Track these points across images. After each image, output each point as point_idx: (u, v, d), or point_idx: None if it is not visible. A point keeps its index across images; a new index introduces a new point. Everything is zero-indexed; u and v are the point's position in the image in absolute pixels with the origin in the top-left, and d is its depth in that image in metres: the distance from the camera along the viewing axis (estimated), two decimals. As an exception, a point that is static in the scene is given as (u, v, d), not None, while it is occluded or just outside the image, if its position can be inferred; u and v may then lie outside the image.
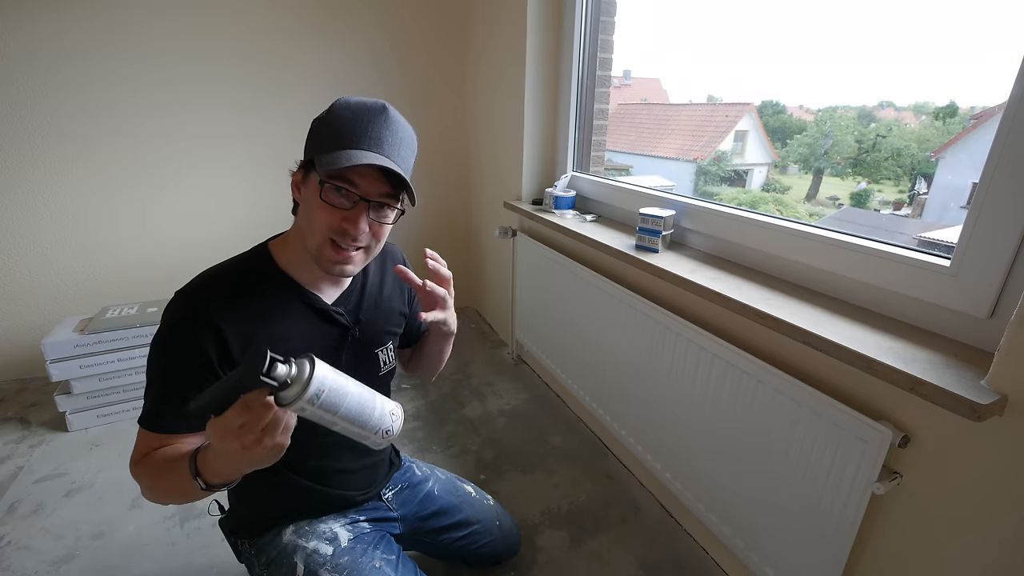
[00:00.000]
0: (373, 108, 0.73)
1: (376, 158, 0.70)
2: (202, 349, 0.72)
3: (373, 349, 0.92)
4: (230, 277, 0.77)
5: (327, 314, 0.83)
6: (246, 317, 0.75)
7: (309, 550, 0.88)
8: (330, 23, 2.09)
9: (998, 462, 0.72)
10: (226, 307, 0.74)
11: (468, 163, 2.58)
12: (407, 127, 0.77)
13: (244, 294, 0.76)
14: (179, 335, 0.72)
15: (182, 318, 0.72)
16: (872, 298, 0.94)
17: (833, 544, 0.91)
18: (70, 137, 1.86)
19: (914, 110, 1.71)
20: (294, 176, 0.77)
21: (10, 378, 2.05)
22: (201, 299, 0.73)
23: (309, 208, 0.74)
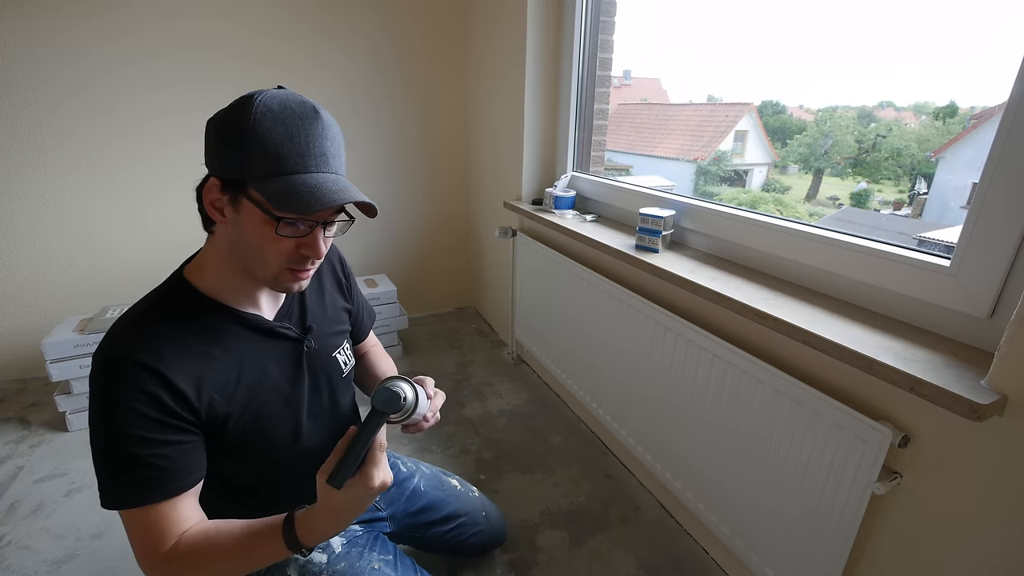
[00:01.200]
0: (303, 115, 0.63)
1: (338, 190, 0.63)
2: (156, 398, 0.63)
3: (331, 353, 0.88)
4: (154, 319, 0.67)
5: (272, 331, 0.77)
6: (189, 359, 0.66)
7: (302, 561, 0.84)
8: (330, 23, 2.09)
9: (998, 462, 0.72)
10: (163, 354, 0.64)
11: (468, 163, 2.58)
12: (335, 124, 0.68)
13: (176, 334, 0.67)
14: (122, 394, 0.62)
15: (118, 377, 0.62)
16: (872, 298, 0.94)
17: (833, 544, 0.91)
18: (70, 137, 1.86)
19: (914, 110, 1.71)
20: (207, 194, 0.65)
21: (10, 378, 2.05)
22: (129, 351, 0.63)
23: (255, 239, 0.65)
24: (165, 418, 0.64)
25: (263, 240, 0.65)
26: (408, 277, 2.60)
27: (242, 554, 0.66)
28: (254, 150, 0.61)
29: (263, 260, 0.67)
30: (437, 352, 2.34)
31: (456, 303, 2.84)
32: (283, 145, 0.62)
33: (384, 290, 2.18)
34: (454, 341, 2.45)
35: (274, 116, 0.61)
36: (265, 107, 0.62)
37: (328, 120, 0.66)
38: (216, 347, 0.70)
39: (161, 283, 0.73)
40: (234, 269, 0.71)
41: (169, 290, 0.72)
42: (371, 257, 2.51)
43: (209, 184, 0.65)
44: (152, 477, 0.64)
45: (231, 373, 0.71)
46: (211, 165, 0.65)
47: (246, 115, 0.61)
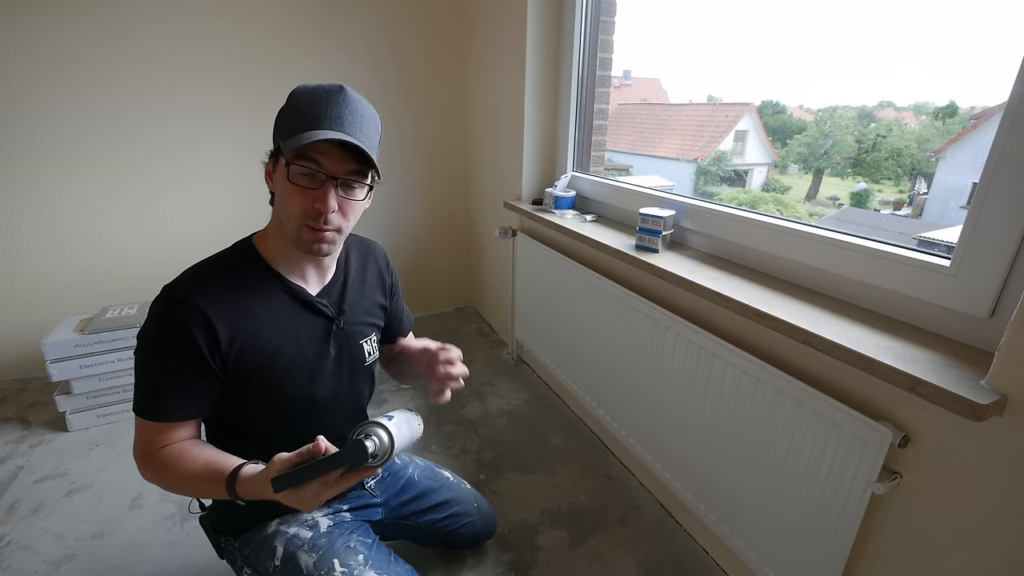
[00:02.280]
0: (331, 89, 0.75)
1: (334, 134, 0.71)
2: (194, 339, 0.75)
3: (358, 340, 0.95)
4: (216, 271, 0.80)
5: (311, 305, 0.86)
6: (233, 310, 0.78)
7: (290, 534, 0.92)
8: (329, 24, 2.09)
9: (998, 462, 0.72)
10: (214, 300, 0.76)
11: (468, 163, 2.58)
12: (367, 105, 0.79)
13: (230, 288, 0.79)
14: (171, 326, 0.75)
15: (172, 310, 0.75)
16: (872, 298, 0.94)
17: (833, 544, 0.91)
18: (71, 138, 1.86)
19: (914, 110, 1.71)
20: (266, 167, 0.80)
21: (10, 378, 2.05)
22: (189, 292, 0.76)
23: (282, 194, 0.76)
24: (194, 358, 0.75)
25: (286, 192, 0.75)
26: (408, 277, 2.60)
27: (195, 481, 0.76)
28: (287, 116, 0.74)
29: (288, 214, 0.76)
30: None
31: (456, 303, 2.84)
32: (305, 110, 0.73)
33: (384, 290, 2.18)
34: (454, 341, 2.44)
35: (307, 92, 0.75)
36: (303, 88, 0.75)
37: (353, 95, 0.76)
38: (260, 306, 0.80)
39: (234, 244, 0.85)
40: (284, 238, 0.80)
41: (236, 250, 0.83)
42: (371, 257, 2.51)
43: (268, 161, 0.79)
44: (161, 402, 0.76)
45: (266, 332, 0.81)
46: (273, 142, 0.78)
47: (288, 98, 0.76)
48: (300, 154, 0.72)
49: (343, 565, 0.89)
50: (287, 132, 0.73)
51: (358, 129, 0.75)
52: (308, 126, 0.72)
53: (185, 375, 0.76)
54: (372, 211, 2.41)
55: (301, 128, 0.72)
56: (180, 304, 0.75)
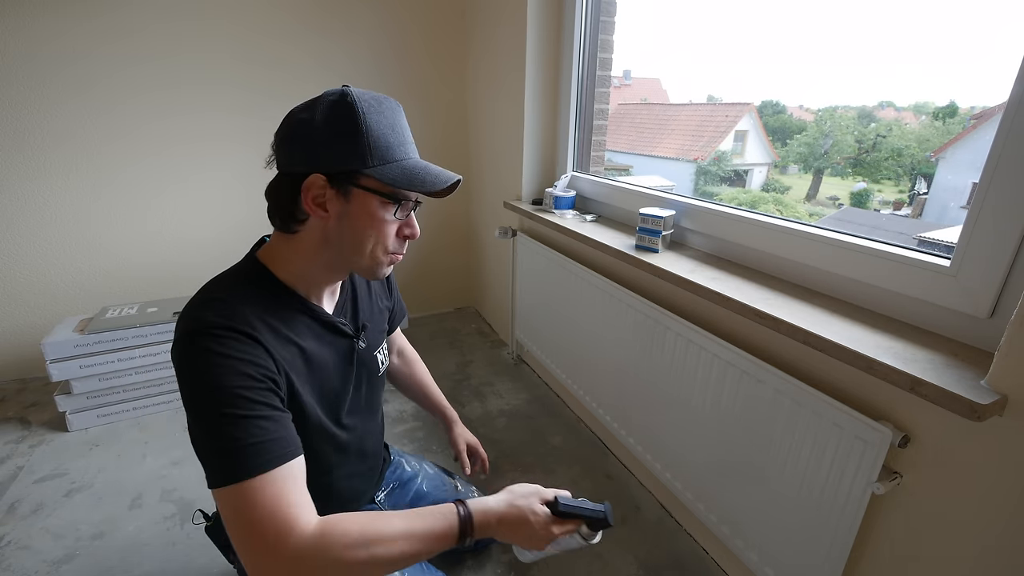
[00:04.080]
0: (394, 107, 0.71)
1: (441, 170, 0.72)
2: (259, 364, 0.64)
3: (373, 352, 0.91)
4: (236, 296, 0.69)
5: (334, 326, 0.81)
6: (273, 336, 0.69)
7: None
8: (329, 23, 2.09)
9: (998, 462, 0.72)
10: (258, 327, 0.67)
11: (468, 163, 2.58)
12: None
13: (260, 312, 0.69)
14: (228, 358, 0.62)
15: (220, 341, 0.62)
16: (872, 298, 0.94)
17: (833, 544, 0.91)
18: (71, 138, 1.86)
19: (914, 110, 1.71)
20: (308, 191, 0.67)
21: (10, 378, 2.05)
22: (229, 320, 0.64)
23: (364, 227, 0.70)
24: (268, 382, 0.64)
25: (375, 226, 0.70)
26: (408, 277, 2.60)
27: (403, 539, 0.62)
28: (370, 141, 0.66)
29: (368, 248, 0.72)
30: (437, 352, 2.34)
31: (456, 303, 2.84)
32: (390, 135, 0.68)
33: (384, 290, 2.18)
34: (454, 341, 2.45)
35: (376, 109, 0.68)
36: (365, 102, 0.67)
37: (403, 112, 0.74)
38: (291, 332, 0.73)
39: (238, 264, 0.76)
40: (319, 262, 0.74)
41: (251, 273, 0.73)
42: (371, 257, 2.51)
43: (310, 182, 0.66)
44: (269, 439, 0.61)
45: (301, 358, 0.74)
46: (313, 162, 0.67)
47: (354, 111, 0.66)
48: (403, 188, 0.69)
49: None
50: (376, 160, 0.67)
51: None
52: (401, 155, 0.69)
53: (271, 403, 0.64)
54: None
55: (395, 157, 0.69)
56: (223, 333, 0.63)
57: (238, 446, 0.59)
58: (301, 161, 0.68)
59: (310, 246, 0.72)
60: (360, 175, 0.67)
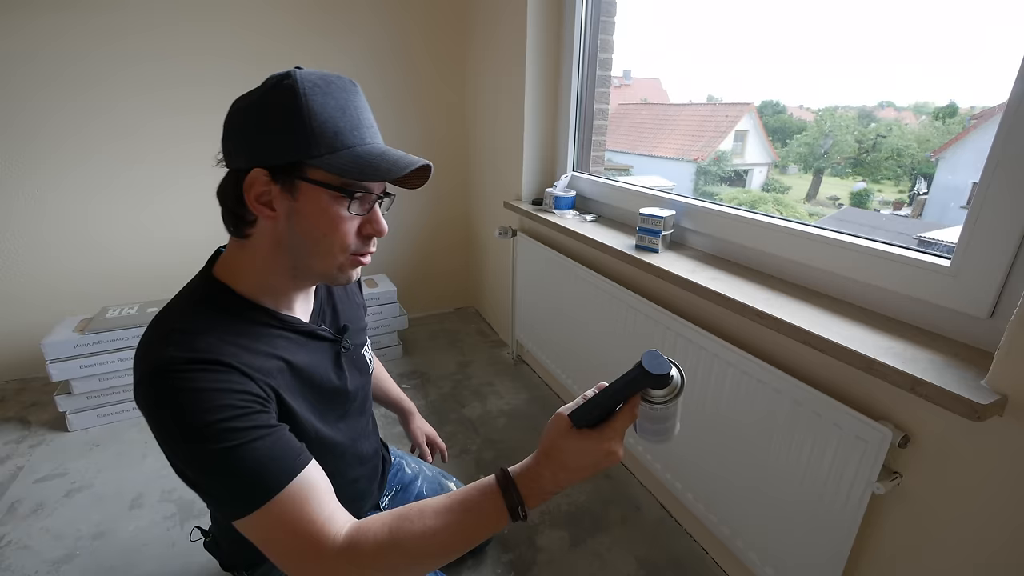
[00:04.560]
0: (346, 86, 0.62)
1: (402, 155, 0.63)
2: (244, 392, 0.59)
3: (361, 352, 0.88)
4: (203, 324, 0.61)
5: (315, 334, 0.75)
6: (245, 353, 0.62)
7: None
8: (329, 23, 2.09)
9: (998, 462, 0.72)
10: (229, 351, 0.60)
11: (468, 163, 2.58)
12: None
13: (230, 337, 0.62)
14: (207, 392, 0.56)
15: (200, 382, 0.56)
16: (872, 298, 0.94)
17: (833, 544, 0.91)
18: (71, 138, 1.86)
19: (914, 110, 1.71)
20: (251, 189, 0.60)
21: (10, 378, 2.05)
22: (199, 351, 0.57)
23: (319, 225, 0.62)
24: (254, 405, 0.59)
25: (329, 224, 0.62)
26: (408, 277, 2.60)
27: (448, 529, 0.56)
28: (313, 127, 0.58)
29: (326, 249, 0.63)
30: (437, 352, 2.34)
31: (456, 303, 2.84)
32: (339, 119, 0.60)
33: (384, 290, 2.18)
34: (454, 341, 2.45)
35: (321, 90, 0.59)
36: (310, 82, 0.59)
37: (362, 91, 0.66)
38: (269, 347, 0.66)
39: (190, 285, 0.69)
40: (276, 270, 0.66)
41: (207, 293, 0.66)
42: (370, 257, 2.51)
43: (251, 178, 0.59)
44: (270, 460, 0.57)
45: (289, 372, 0.68)
46: (252, 155, 0.60)
47: (293, 93, 0.58)
48: (355, 179, 0.60)
49: None
50: (322, 149, 0.58)
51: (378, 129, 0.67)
52: (354, 141, 0.61)
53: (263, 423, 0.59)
54: (372, 211, 2.41)
55: (346, 144, 0.60)
56: (192, 366, 0.56)
57: (241, 479, 0.55)
58: (241, 155, 0.61)
59: (264, 252, 0.65)
60: (305, 166, 0.59)
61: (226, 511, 0.57)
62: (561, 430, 0.58)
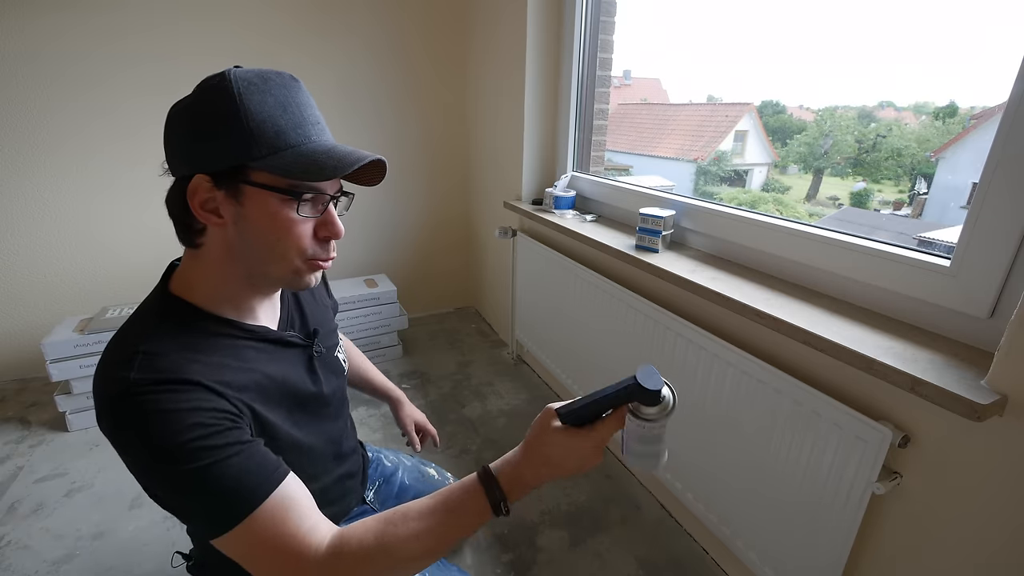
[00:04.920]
0: (286, 83, 0.60)
1: (352, 151, 0.60)
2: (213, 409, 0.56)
3: (334, 354, 0.86)
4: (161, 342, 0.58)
5: (283, 340, 0.72)
6: (210, 369, 0.59)
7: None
8: (328, 24, 2.09)
9: (998, 462, 0.72)
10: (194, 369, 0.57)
11: (468, 163, 2.58)
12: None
13: (191, 354, 0.59)
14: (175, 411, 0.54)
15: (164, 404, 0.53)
16: (872, 298, 0.94)
17: (833, 544, 0.91)
18: (72, 138, 1.86)
19: (914, 110, 1.71)
20: (194, 196, 0.57)
21: (10, 378, 2.05)
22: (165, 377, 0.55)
23: (269, 231, 0.59)
24: (225, 422, 0.56)
25: (280, 229, 0.59)
26: (408, 277, 2.60)
27: (432, 533, 0.57)
28: (251, 128, 0.55)
29: (280, 254, 0.61)
30: (437, 352, 2.34)
31: (456, 303, 2.84)
32: (279, 117, 0.57)
33: (384, 290, 2.18)
34: (454, 341, 2.45)
35: (258, 88, 0.57)
36: (245, 81, 0.56)
37: (301, 82, 0.63)
38: (238, 360, 0.63)
39: (147, 302, 0.65)
40: (232, 279, 0.64)
41: (165, 308, 0.63)
42: (371, 257, 2.51)
43: (194, 184, 0.57)
44: (245, 475, 0.55)
45: (263, 382, 0.66)
46: (191, 161, 0.57)
47: (228, 94, 0.55)
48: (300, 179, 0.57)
49: None
50: (263, 150, 0.56)
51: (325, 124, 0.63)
52: (297, 139, 0.58)
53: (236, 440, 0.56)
54: (372, 211, 2.42)
55: (289, 143, 0.57)
56: (156, 387, 0.54)
57: (217, 498, 0.54)
58: (183, 162, 0.58)
59: (217, 260, 0.62)
60: (248, 169, 0.56)
61: (204, 531, 0.56)
62: (547, 425, 0.58)
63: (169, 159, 0.60)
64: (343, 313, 2.10)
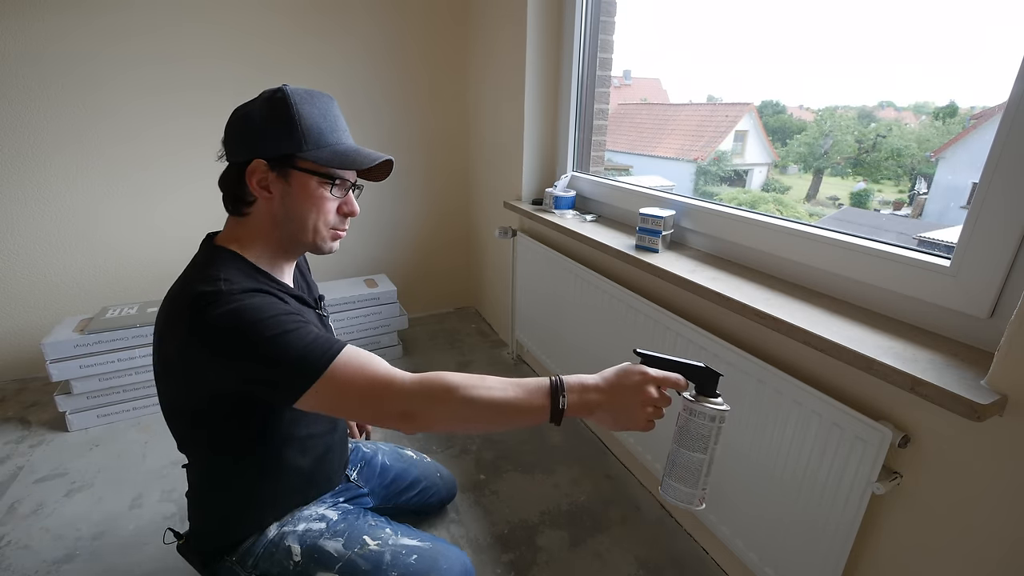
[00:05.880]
0: (325, 98, 0.80)
1: (371, 151, 0.81)
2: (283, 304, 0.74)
3: (329, 322, 1.00)
4: (232, 270, 0.75)
5: (304, 300, 0.88)
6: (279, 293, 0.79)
7: (300, 531, 0.90)
8: (328, 26, 2.09)
9: (998, 462, 0.72)
10: (259, 287, 0.75)
11: (468, 163, 2.58)
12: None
13: (253, 282, 0.76)
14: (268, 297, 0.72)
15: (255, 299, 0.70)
16: (872, 298, 0.94)
17: (833, 544, 0.91)
18: (73, 139, 1.86)
19: (914, 110, 1.71)
20: (252, 175, 0.76)
21: (10, 378, 2.05)
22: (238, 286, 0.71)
23: (306, 205, 0.79)
24: (296, 313, 0.72)
25: (315, 204, 0.79)
26: (408, 277, 2.60)
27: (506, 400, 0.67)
28: (304, 128, 0.75)
29: (312, 224, 0.80)
30: (437, 352, 2.34)
31: (456, 303, 2.84)
32: (321, 122, 0.77)
33: (384, 290, 2.18)
34: (454, 341, 2.45)
35: (307, 100, 0.77)
36: (298, 95, 0.76)
37: (337, 103, 0.83)
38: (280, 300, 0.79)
39: (202, 255, 0.80)
40: (274, 243, 0.82)
41: (224, 256, 0.78)
42: (371, 257, 2.51)
43: (253, 166, 0.75)
44: (326, 336, 0.70)
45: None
46: (254, 149, 0.76)
47: (286, 103, 0.75)
48: (345, 171, 0.79)
49: (375, 539, 0.89)
50: (310, 144, 0.76)
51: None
52: (334, 140, 0.78)
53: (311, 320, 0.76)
54: (372, 211, 2.42)
55: (328, 142, 0.77)
56: (243, 294, 0.70)
57: (305, 351, 0.67)
58: (245, 150, 0.76)
59: (262, 226, 0.80)
60: (296, 158, 0.76)
61: (297, 387, 0.66)
62: (630, 366, 0.72)
63: (232, 147, 0.78)
64: (343, 313, 2.11)
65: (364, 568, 0.85)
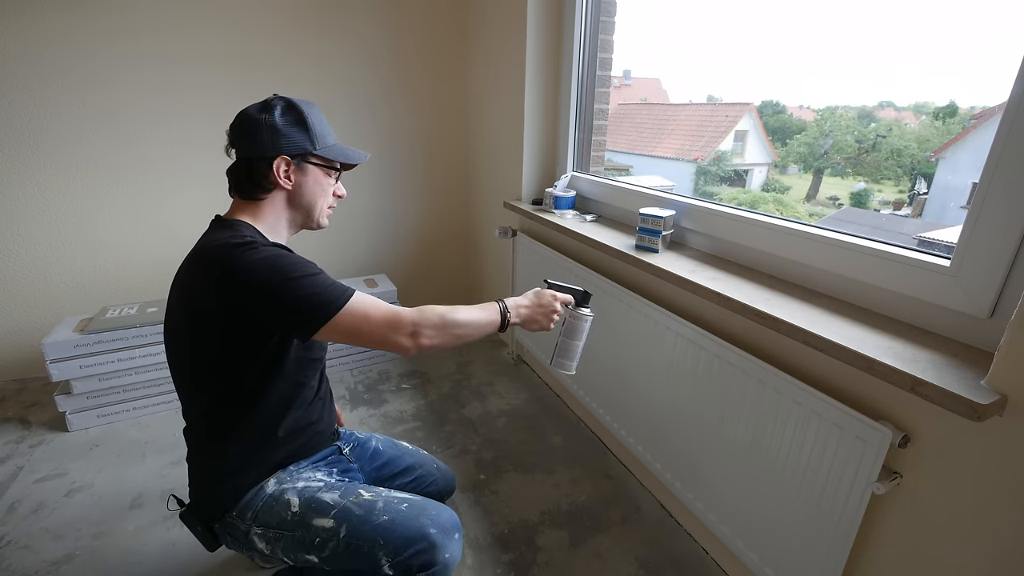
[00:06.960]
0: (316, 107, 0.98)
1: (357, 149, 1.03)
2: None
3: None
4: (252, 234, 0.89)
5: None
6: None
7: (299, 486, 0.97)
8: (327, 27, 2.09)
9: (998, 462, 0.72)
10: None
11: (468, 163, 2.58)
12: None
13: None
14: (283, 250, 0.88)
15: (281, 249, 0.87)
16: (872, 298, 0.94)
17: (833, 544, 0.91)
18: (73, 139, 1.86)
19: (914, 110, 1.71)
20: (278, 167, 0.92)
21: (10, 378, 2.05)
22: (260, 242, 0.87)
23: (316, 191, 0.97)
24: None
25: (323, 190, 0.99)
26: (408, 277, 2.60)
27: (475, 317, 0.94)
28: (315, 130, 0.94)
29: (319, 206, 0.99)
30: (437, 352, 2.34)
31: (456, 303, 2.83)
32: (322, 125, 0.96)
33: (384, 290, 2.18)
34: (454, 341, 2.45)
35: (309, 107, 0.95)
36: (305, 104, 0.95)
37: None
38: None
39: (217, 226, 0.92)
40: (282, 220, 0.97)
41: (242, 227, 0.90)
42: (371, 257, 2.51)
43: (279, 161, 0.91)
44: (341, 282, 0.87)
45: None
46: (279, 148, 0.91)
47: (299, 110, 0.93)
48: (345, 165, 1.01)
49: (370, 492, 0.97)
50: (318, 144, 0.94)
51: None
52: (331, 140, 0.98)
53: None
54: (372, 211, 2.42)
55: (331, 141, 0.98)
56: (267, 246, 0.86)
57: (325, 290, 0.83)
58: (268, 147, 0.90)
59: (278, 208, 0.96)
60: (311, 154, 0.94)
61: (323, 310, 0.82)
62: (542, 291, 1.06)
63: (250, 144, 0.91)
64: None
65: (357, 513, 0.92)
